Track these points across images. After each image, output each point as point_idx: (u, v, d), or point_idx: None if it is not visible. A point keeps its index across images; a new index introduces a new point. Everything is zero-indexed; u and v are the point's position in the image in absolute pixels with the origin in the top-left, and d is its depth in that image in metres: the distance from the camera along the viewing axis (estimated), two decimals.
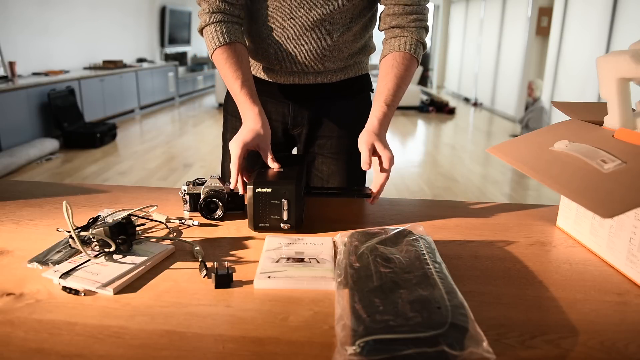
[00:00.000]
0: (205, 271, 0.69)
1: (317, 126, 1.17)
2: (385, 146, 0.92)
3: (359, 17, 1.06)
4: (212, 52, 0.99)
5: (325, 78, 1.12)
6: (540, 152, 0.79)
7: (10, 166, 4.00)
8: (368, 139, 0.93)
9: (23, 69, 5.14)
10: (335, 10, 1.02)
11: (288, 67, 1.09)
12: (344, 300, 0.59)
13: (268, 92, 1.14)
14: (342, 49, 1.08)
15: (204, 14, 0.99)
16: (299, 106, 1.16)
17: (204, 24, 1.00)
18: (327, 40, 1.05)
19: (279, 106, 1.16)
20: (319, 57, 1.07)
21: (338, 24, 1.04)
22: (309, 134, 1.18)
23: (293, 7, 1.01)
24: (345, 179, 1.18)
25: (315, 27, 1.03)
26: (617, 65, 0.74)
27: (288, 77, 1.12)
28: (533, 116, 6.15)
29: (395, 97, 0.98)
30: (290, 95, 1.15)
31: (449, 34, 11.94)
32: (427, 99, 8.38)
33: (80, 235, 0.72)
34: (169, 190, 1.09)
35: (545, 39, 6.96)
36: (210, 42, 0.99)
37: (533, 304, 0.63)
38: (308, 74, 1.11)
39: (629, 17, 4.60)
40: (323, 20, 1.02)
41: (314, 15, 1.01)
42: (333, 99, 1.15)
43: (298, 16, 1.02)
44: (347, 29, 1.05)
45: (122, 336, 0.54)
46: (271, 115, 1.17)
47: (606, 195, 0.63)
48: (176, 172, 4.18)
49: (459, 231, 0.88)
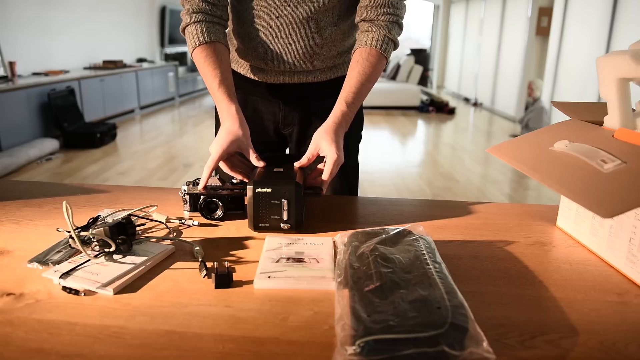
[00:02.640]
0: (205, 271, 0.69)
1: (308, 125, 1.17)
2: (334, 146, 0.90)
3: (346, 14, 1.06)
4: (192, 51, 1.00)
5: (314, 77, 1.12)
6: (540, 152, 0.79)
7: (10, 166, 4.00)
8: (317, 138, 0.92)
9: (23, 69, 5.14)
10: (321, 8, 1.02)
11: (277, 67, 1.09)
12: (344, 300, 0.59)
13: (258, 91, 1.15)
14: (331, 47, 1.08)
15: (186, 13, 1.00)
16: (290, 105, 1.16)
17: (185, 23, 1.01)
18: (315, 39, 1.05)
19: (269, 106, 1.16)
20: (308, 55, 1.07)
21: (325, 21, 1.04)
22: (300, 134, 1.18)
23: (279, 5, 1.01)
24: (338, 178, 1.18)
25: (303, 25, 1.03)
26: (617, 65, 0.74)
27: (277, 77, 1.11)
28: (533, 116, 6.15)
29: (357, 96, 0.97)
30: (281, 94, 1.15)
31: (449, 34, 11.94)
32: (427, 99, 8.38)
33: (80, 235, 0.72)
34: (169, 190, 1.09)
35: (545, 39, 6.95)
36: (190, 41, 1.00)
37: (533, 304, 0.63)
38: (297, 73, 1.11)
39: (629, 17, 4.60)
40: (310, 18, 1.03)
41: (300, 13, 1.02)
42: (323, 97, 1.15)
43: (285, 14, 1.02)
44: (335, 27, 1.06)
45: (122, 336, 0.54)
46: (262, 115, 1.17)
47: (606, 195, 0.63)
48: (176, 172, 4.18)
49: (459, 231, 0.88)
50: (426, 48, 12.00)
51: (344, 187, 1.19)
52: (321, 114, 1.17)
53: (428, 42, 12.87)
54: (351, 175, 1.21)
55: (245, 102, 1.16)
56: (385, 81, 9.15)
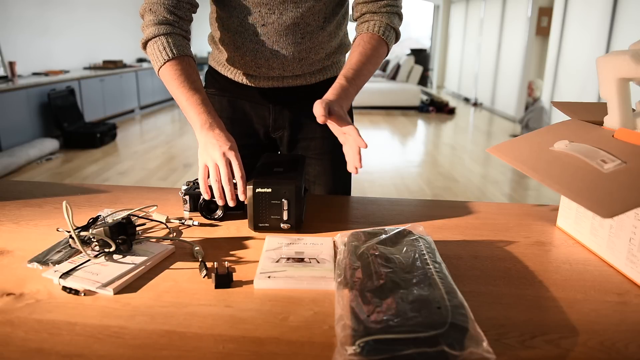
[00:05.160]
0: (205, 271, 0.69)
1: (298, 128, 1.17)
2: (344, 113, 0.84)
3: (332, 15, 1.06)
4: (161, 66, 0.91)
5: (304, 80, 1.11)
6: (540, 152, 0.79)
7: (10, 166, 4.00)
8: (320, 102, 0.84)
9: (23, 69, 5.15)
10: (307, 12, 1.01)
11: (266, 73, 1.08)
12: (344, 300, 0.59)
13: (247, 95, 1.14)
14: (318, 50, 1.08)
15: (151, 25, 0.93)
16: (279, 109, 1.15)
17: (151, 35, 0.92)
18: (303, 44, 1.04)
19: (259, 109, 1.15)
20: (296, 60, 1.06)
21: (312, 25, 1.03)
22: (291, 137, 1.17)
23: (264, 13, 1.00)
24: (331, 179, 1.18)
25: (290, 31, 1.02)
26: (617, 65, 0.74)
27: (267, 82, 1.10)
28: (533, 116, 6.15)
29: (357, 73, 0.92)
30: (270, 98, 1.14)
31: (449, 34, 11.93)
32: (427, 99, 8.38)
33: (80, 235, 0.72)
34: (169, 190, 1.09)
35: (545, 39, 6.96)
36: (159, 54, 0.91)
37: (533, 304, 0.63)
38: (287, 78, 1.10)
39: (629, 17, 4.60)
40: (296, 24, 1.02)
41: (286, 20, 1.01)
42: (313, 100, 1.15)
43: (270, 22, 1.01)
44: (321, 30, 1.05)
45: (122, 336, 0.54)
46: (251, 118, 1.16)
47: (606, 195, 0.63)
48: (176, 172, 4.18)
49: (459, 231, 0.88)
50: (426, 48, 12.00)
51: (338, 187, 1.19)
52: (312, 116, 1.17)
53: (428, 42, 12.88)
54: (345, 174, 1.21)
55: (234, 105, 1.15)
56: (385, 81, 9.15)
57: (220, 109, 1.16)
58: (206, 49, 9.80)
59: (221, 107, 1.16)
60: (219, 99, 1.17)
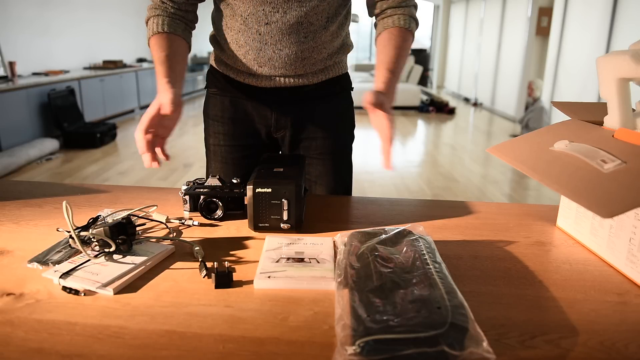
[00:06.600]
0: (205, 271, 0.69)
1: (300, 128, 1.17)
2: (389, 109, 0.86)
3: (335, 15, 1.06)
4: (149, 40, 1.00)
5: (306, 80, 1.11)
6: (540, 152, 0.79)
7: (10, 166, 4.00)
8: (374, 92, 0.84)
9: (23, 69, 5.15)
10: (311, 12, 1.01)
11: (268, 72, 1.08)
12: (344, 300, 0.59)
13: (249, 95, 1.14)
14: (321, 49, 1.08)
15: (151, 8, 1.02)
16: (281, 109, 1.15)
17: (149, 15, 1.02)
18: (306, 43, 1.04)
19: (260, 109, 1.15)
20: (299, 60, 1.06)
21: (315, 25, 1.03)
22: (293, 137, 1.17)
23: (268, 12, 1.00)
24: (333, 179, 1.18)
25: (293, 30, 1.02)
26: (617, 65, 0.74)
27: (269, 81, 1.10)
28: (533, 116, 6.15)
29: (397, 64, 0.96)
30: (272, 98, 1.14)
31: (449, 34, 11.94)
32: (427, 99, 8.38)
33: (80, 235, 0.72)
34: (169, 190, 1.09)
35: (545, 39, 6.96)
36: (149, 31, 1.00)
37: (533, 304, 0.63)
38: (289, 77, 1.10)
39: (629, 17, 4.60)
40: (300, 23, 1.02)
41: (290, 19, 1.01)
42: (315, 100, 1.15)
43: (274, 21, 1.01)
44: (324, 29, 1.05)
45: (122, 336, 0.54)
46: (253, 118, 1.16)
47: (606, 195, 0.63)
48: (176, 172, 4.18)
49: (459, 231, 0.88)
50: (426, 48, 12.01)
51: (339, 187, 1.19)
52: (314, 116, 1.17)
53: (428, 42, 12.88)
54: (346, 175, 1.21)
55: (235, 105, 1.15)
56: None
57: (222, 109, 1.16)
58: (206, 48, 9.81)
59: (223, 107, 1.16)
60: (220, 98, 1.16)
